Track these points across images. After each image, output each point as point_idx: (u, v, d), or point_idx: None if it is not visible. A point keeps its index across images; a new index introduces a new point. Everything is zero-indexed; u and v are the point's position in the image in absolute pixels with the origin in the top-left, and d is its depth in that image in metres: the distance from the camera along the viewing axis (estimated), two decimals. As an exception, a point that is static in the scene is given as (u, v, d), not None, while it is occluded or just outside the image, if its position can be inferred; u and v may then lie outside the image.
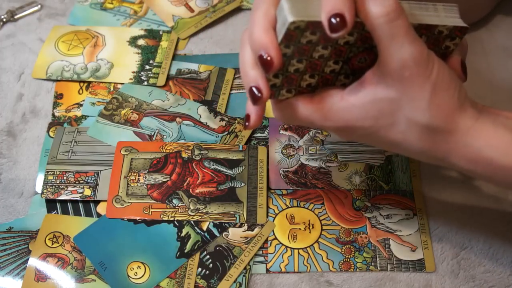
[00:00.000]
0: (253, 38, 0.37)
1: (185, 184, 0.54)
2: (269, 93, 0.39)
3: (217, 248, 0.51)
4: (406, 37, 0.36)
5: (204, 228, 0.52)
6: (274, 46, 0.37)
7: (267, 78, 0.39)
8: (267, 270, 0.50)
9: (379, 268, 0.50)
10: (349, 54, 0.39)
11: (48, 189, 0.54)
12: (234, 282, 0.50)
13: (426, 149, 0.40)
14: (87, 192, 0.54)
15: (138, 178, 0.54)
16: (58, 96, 0.61)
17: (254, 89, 0.39)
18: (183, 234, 0.52)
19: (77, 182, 0.54)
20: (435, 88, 0.37)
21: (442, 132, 0.38)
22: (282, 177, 0.55)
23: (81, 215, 0.53)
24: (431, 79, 0.37)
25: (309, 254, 0.51)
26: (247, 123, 0.42)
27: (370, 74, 0.39)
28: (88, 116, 0.59)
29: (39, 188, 0.55)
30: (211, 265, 0.50)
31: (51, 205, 0.54)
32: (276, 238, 0.52)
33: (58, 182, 0.54)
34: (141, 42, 0.65)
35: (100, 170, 0.55)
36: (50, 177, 0.55)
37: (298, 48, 0.37)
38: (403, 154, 0.42)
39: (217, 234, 0.52)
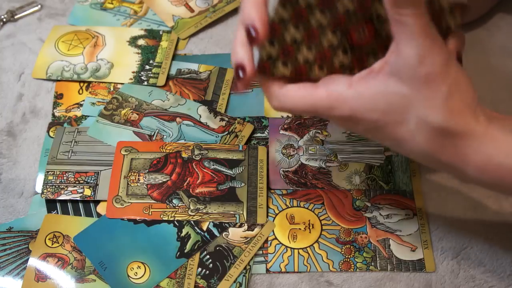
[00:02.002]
0: (242, 13, 0.38)
1: (185, 184, 0.54)
2: (253, 70, 0.38)
3: (217, 248, 0.51)
4: (428, 36, 0.35)
5: (204, 228, 0.52)
6: (260, 17, 0.37)
7: (260, 53, 0.39)
8: (267, 270, 0.50)
9: (379, 268, 0.50)
10: (348, 24, 0.39)
11: (48, 189, 0.54)
12: (234, 282, 0.50)
13: (432, 151, 0.38)
14: (87, 192, 0.54)
15: (138, 178, 0.54)
16: (58, 96, 0.61)
17: (239, 67, 0.39)
18: (183, 234, 0.52)
19: (77, 182, 0.54)
20: (451, 90, 0.36)
21: (453, 135, 0.37)
22: (282, 177, 0.55)
23: (81, 215, 0.53)
24: (449, 80, 0.36)
25: (309, 254, 0.51)
26: (240, 73, 0.40)
27: (383, 63, 0.37)
28: (88, 116, 0.59)
29: (39, 188, 0.55)
30: (211, 265, 0.50)
31: (51, 205, 0.54)
32: (276, 238, 0.52)
33: (58, 182, 0.54)
34: (141, 42, 0.65)
35: (100, 170, 0.55)
36: (50, 177, 0.55)
37: (295, 11, 0.37)
38: (405, 154, 0.41)
39: (217, 234, 0.52)
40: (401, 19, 0.35)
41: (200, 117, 0.59)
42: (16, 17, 0.68)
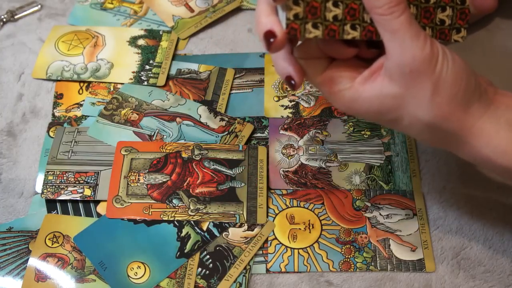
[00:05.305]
0: None
1: (185, 184, 0.54)
2: (283, 31, 0.37)
3: (217, 248, 0.51)
4: (407, 33, 0.35)
5: (204, 228, 0.52)
6: None
7: (287, 7, 0.37)
8: (267, 270, 0.50)
9: (379, 268, 0.50)
10: None
11: (48, 189, 0.54)
12: (234, 282, 0.50)
13: (428, 141, 0.41)
14: (87, 192, 0.54)
15: (138, 178, 0.54)
16: (58, 96, 0.61)
17: (268, 34, 0.37)
18: (183, 234, 0.52)
19: (77, 182, 0.54)
20: (437, 86, 0.37)
21: (443, 129, 0.38)
22: (282, 177, 0.55)
23: (81, 215, 0.53)
24: (433, 76, 0.36)
25: (309, 254, 0.51)
26: (292, 82, 0.40)
27: (379, 65, 0.38)
28: (88, 116, 0.59)
29: (39, 188, 0.55)
30: (211, 265, 0.50)
31: (51, 205, 0.54)
32: (276, 238, 0.52)
33: (58, 182, 0.54)
34: (141, 42, 0.65)
35: (100, 170, 0.55)
36: (50, 177, 0.55)
37: None
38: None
39: (217, 234, 0.52)
40: (380, 19, 0.36)
41: (200, 117, 0.59)
42: (16, 17, 0.68)
